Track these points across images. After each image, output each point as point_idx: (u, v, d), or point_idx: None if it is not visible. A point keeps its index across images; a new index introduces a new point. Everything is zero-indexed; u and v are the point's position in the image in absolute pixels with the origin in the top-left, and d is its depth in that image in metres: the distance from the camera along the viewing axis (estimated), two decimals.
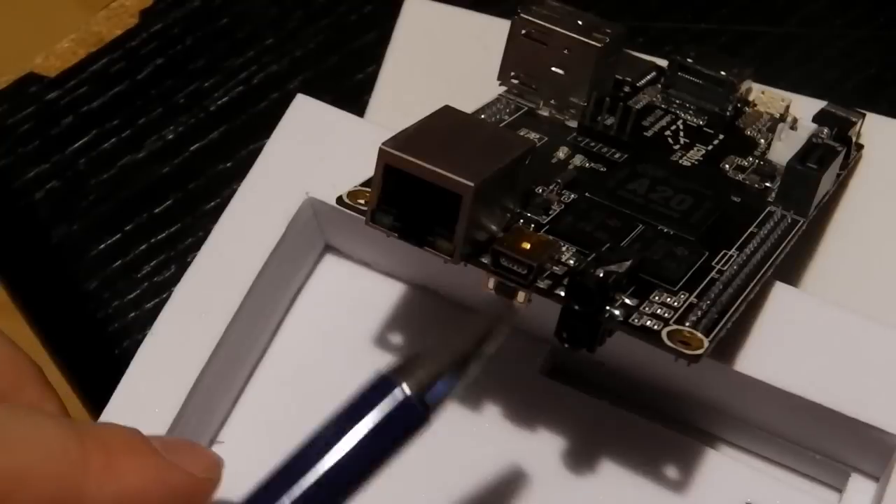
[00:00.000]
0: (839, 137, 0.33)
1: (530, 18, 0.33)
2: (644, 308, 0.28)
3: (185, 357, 0.31)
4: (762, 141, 0.34)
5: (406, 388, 0.26)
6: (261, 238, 0.33)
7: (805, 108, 0.35)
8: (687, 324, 0.28)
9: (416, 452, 0.32)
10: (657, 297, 0.29)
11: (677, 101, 0.35)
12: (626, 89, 0.35)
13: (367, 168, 0.29)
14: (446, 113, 0.30)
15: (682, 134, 0.34)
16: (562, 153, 0.33)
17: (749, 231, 0.31)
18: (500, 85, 0.34)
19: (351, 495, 0.26)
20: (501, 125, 0.33)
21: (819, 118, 0.33)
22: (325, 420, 0.26)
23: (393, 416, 0.26)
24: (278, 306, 0.34)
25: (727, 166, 0.33)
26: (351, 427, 0.26)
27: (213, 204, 0.39)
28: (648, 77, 0.36)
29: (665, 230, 0.31)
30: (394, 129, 0.29)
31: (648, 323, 0.28)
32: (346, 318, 0.34)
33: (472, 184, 0.27)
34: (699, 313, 0.28)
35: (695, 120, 0.35)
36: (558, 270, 0.29)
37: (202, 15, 0.42)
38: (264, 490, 0.26)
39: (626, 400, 0.32)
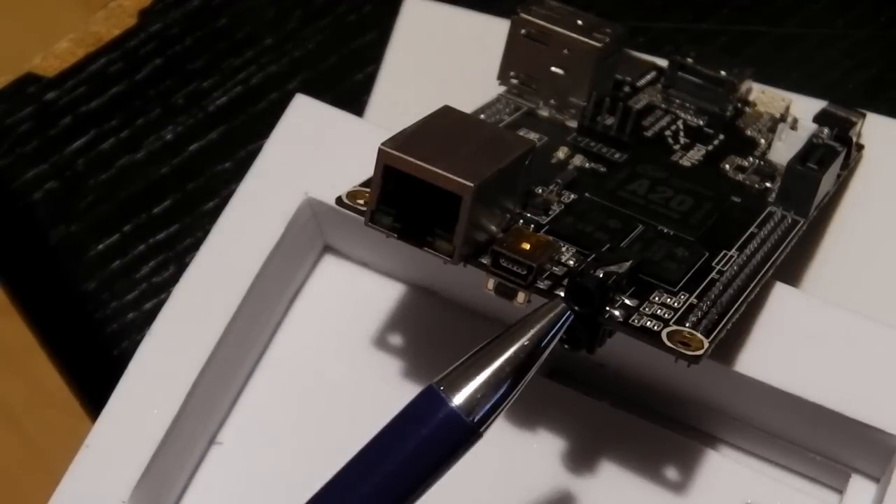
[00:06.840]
0: (840, 138, 0.33)
1: (530, 18, 0.33)
2: (644, 309, 0.28)
3: (183, 358, 0.31)
4: (762, 141, 0.34)
5: (454, 401, 0.24)
6: (260, 238, 0.33)
7: (805, 108, 0.35)
8: (687, 324, 0.28)
9: None
10: (657, 298, 0.28)
11: (677, 101, 0.35)
12: (626, 89, 0.35)
13: (366, 168, 0.29)
14: (446, 113, 0.30)
15: (682, 134, 0.34)
16: (562, 153, 0.33)
17: (749, 231, 0.31)
18: (500, 85, 0.34)
19: None
20: (501, 125, 0.33)
21: (819, 118, 0.33)
22: (373, 436, 0.25)
23: (440, 432, 0.24)
24: (277, 307, 0.34)
25: (727, 167, 0.33)
26: (397, 445, 0.24)
27: (212, 204, 0.39)
28: (648, 77, 0.36)
29: (665, 231, 0.31)
30: (394, 129, 0.29)
31: (648, 324, 0.28)
32: (346, 319, 0.34)
33: (471, 184, 0.27)
34: (699, 314, 0.28)
35: (695, 120, 0.35)
36: (558, 271, 0.29)
37: (201, 15, 0.42)
38: None
39: (627, 401, 0.32)
